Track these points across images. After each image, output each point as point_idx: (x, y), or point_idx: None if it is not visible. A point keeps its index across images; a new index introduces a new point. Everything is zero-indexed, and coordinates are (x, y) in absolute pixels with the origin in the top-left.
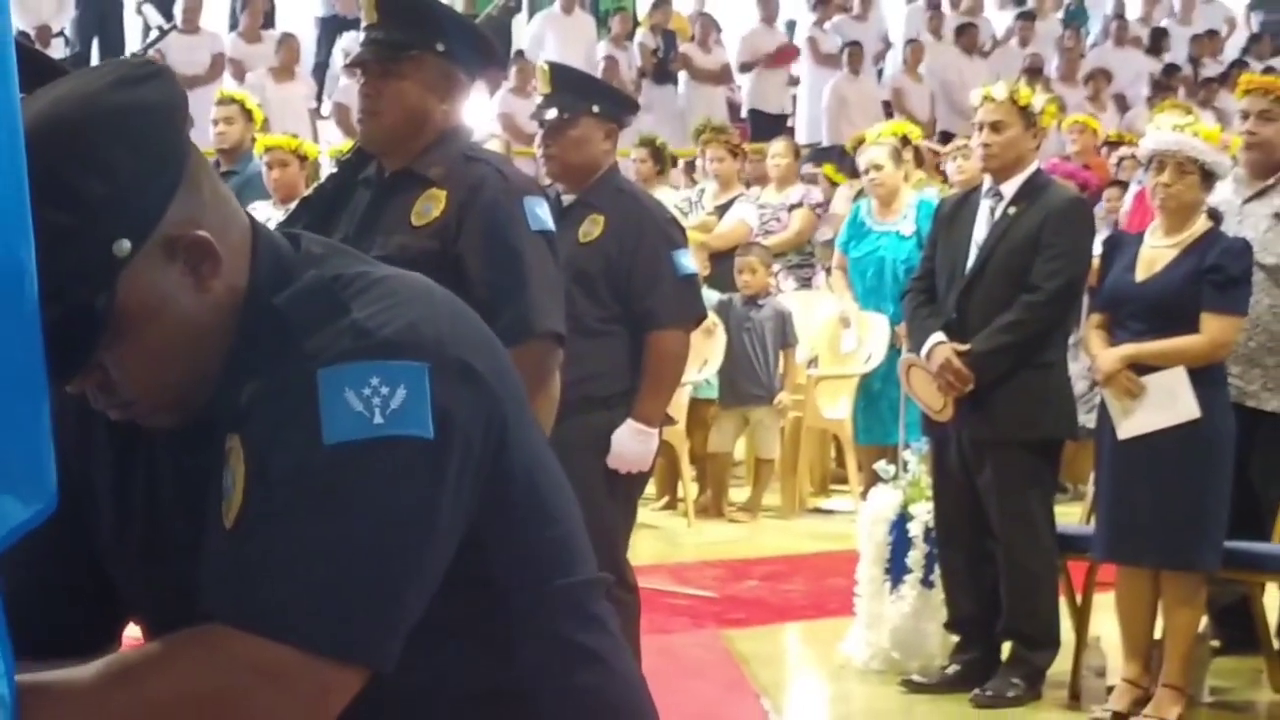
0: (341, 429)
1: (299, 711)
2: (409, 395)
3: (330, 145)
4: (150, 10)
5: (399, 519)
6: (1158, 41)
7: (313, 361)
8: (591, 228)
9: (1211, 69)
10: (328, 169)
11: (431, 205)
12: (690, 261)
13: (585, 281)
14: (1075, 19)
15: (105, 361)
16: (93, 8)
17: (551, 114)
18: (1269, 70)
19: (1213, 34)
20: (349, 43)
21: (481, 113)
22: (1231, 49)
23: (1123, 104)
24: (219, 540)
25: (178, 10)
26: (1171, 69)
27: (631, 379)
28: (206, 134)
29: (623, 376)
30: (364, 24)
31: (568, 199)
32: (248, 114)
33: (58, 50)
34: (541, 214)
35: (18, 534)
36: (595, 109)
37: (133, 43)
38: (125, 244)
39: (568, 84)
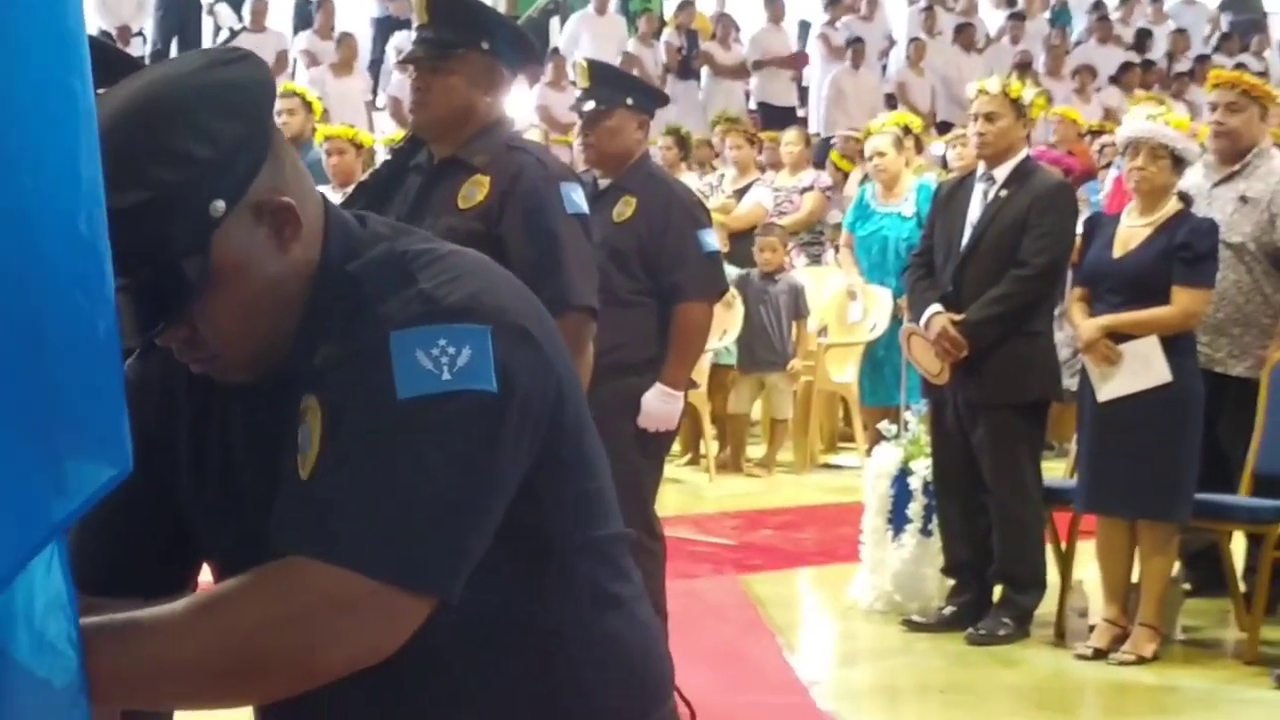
0: (413, 385)
1: (369, 637)
2: (474, 354)
3: (384, 135)
4: (221, 10)
5: (465, 464)
6: (1137, 40)
7: (385, 325)
8: (624, 209)
9: (1183, 64)
10: (382, 156)
11: (476, 190)
12: (714, 240)
13: (618, 258)
14: (1061, 19)
15: (194, 316)
16: (171, 9)
17: (589, 106)
18: (1239, 66)
19: (1182, 31)
20: (401, 41)
21: (521, 105)
22: (1203, 47)
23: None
24: (294, 490)
25: (246, 11)
26: (1147, 64)
27: (659, 347)
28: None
29: (651, 344)
30: (415, 24)
31: (603, 183)
32: (308, 106)
33: (137, 49)
34: (576, 198)
35: (98, 496)
36: (629, 101)
37: (206, 41)
38: (220, 204)
39: (604, 79)
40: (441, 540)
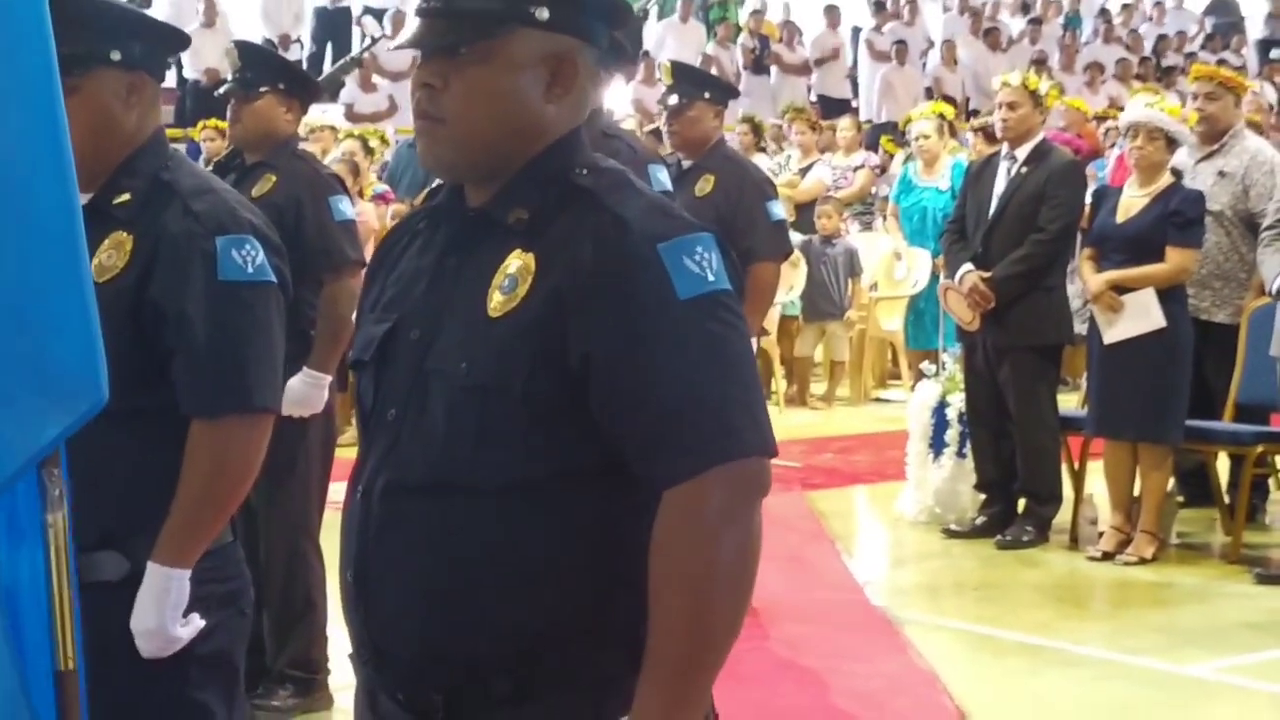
0: (690, 287)
1: (759, 508)
2: (719, 258)
3: None
4: (367, 21)
5: (747, 349)
6: (1135, 40)
7: (650, 238)
8: (704, 185)
9: (1174, 60)
10: None
11: None
12: (781, 210)
13: None
14: (1072, 23)
15: (453, 77)
16: (324, 20)
17: (673, 100)
18: (1220, 62)
19: (1180, 34)
20: None
21: (618, 98)
22: (1191, 45)
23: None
24: (483, 328)
25: (388, 22)
26: (1144, 60)
27: None
28: (406, 115)
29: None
30: None
31: (686, 164)
32: None
33: (295, 54)
34: (662, 177)
35: (76, 426)
36: (706, 95)
37: (355, 48)
38: (545, 13)
39: (685, 77)
40: (763, 412)
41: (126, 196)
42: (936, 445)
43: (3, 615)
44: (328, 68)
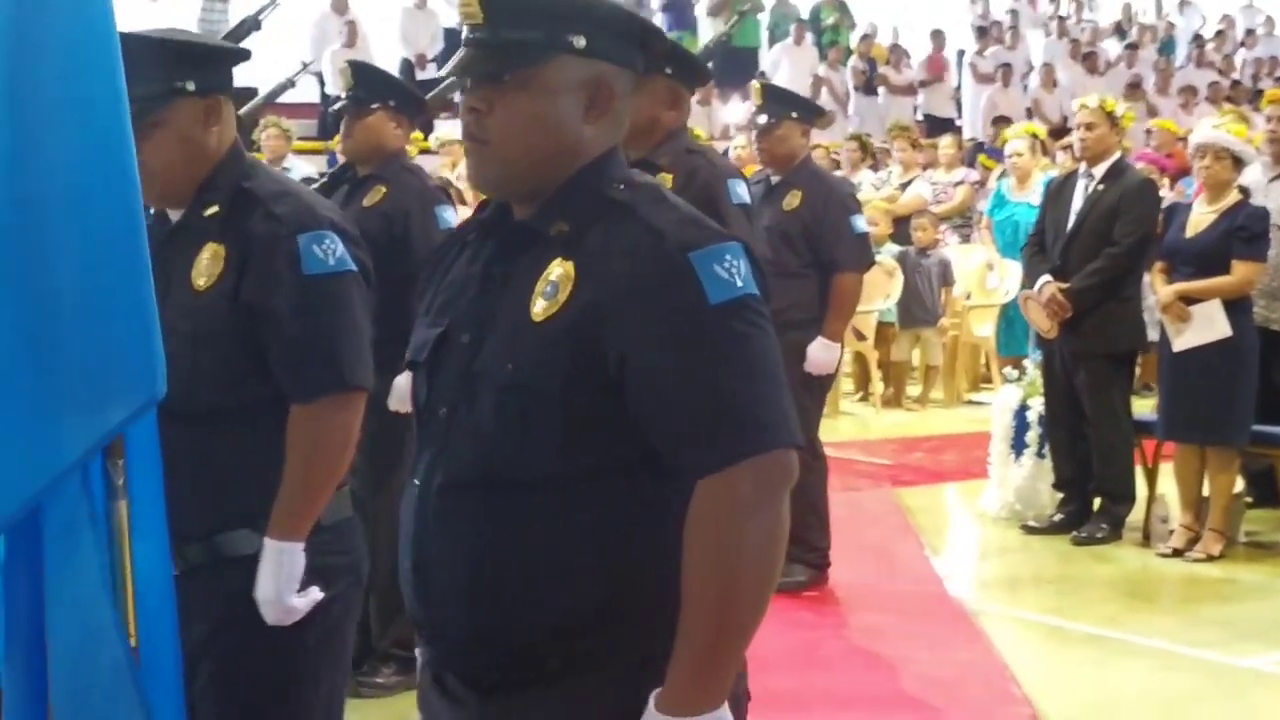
0: (719, 292)
1: (786, 497)
2: (746, 265)
3: None
4: None
5: (773, 348)
6: (1226, 64)
7: (682, 247)
8: (792, 200)
9: (1265, 84)
10: None
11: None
12: (863, 223)
13: (787, 238)
14: (1167, 49)
15: (500, 97)
16: (453, 41)
17: (762, 119)
18: None
19: (1273, 59)
20: None
21: (736, 116)
22: None
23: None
24: (527, 331)
25: None
26: (1234, 84)
27: (820, 308)
28: None
29: (814, 307)
30: None
31: (775, 179)
32: None
33: (430, 71)
34: (740, 191)
35: (135, 418)
36: (793, 115)
37: None
38: (583, 41)
39: (774, 97)
40: (789, 404)
41: (215, 209)
42: (1017, 446)
43: (108, 591)
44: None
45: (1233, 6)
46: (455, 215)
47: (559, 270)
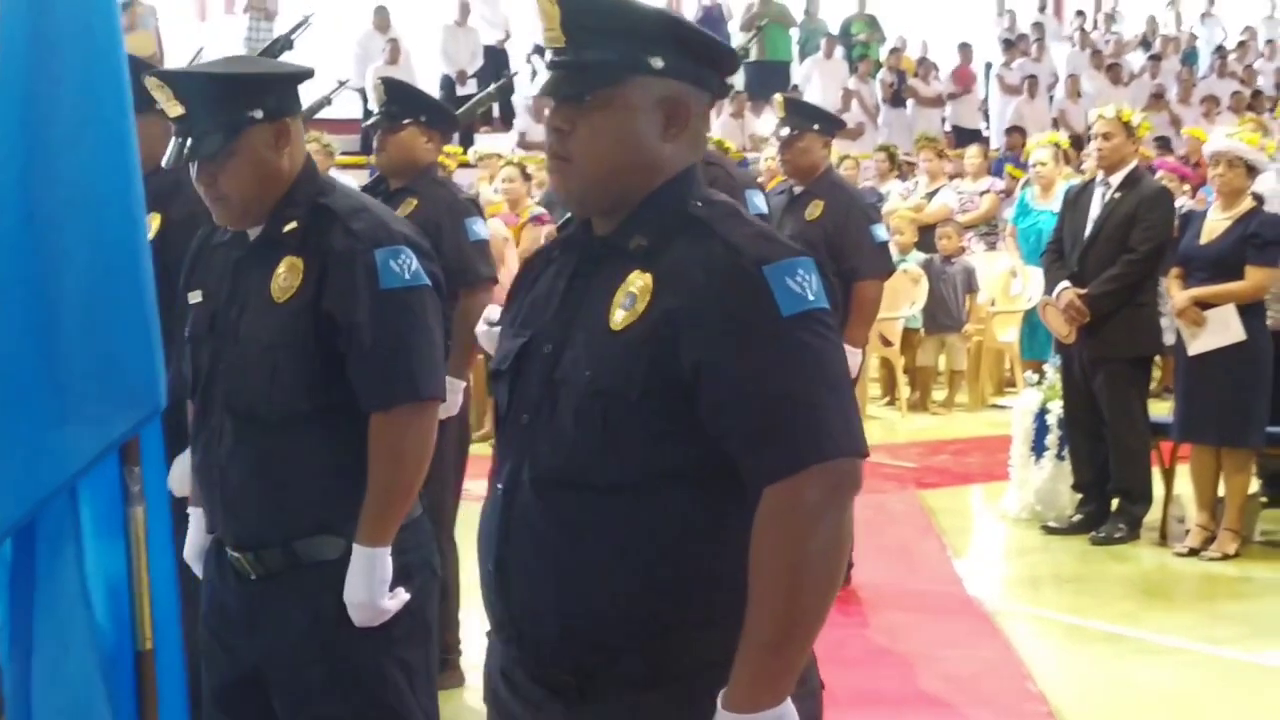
0: (791, 305)
1: (851, 503)
2: (817, 279)
3: None
4: (535, 60)
5: (841, 359)
6: (1248, 74)
7: (757, 262)
8: (814, 209)
9: None
10: None
11: None
12: (884, 232)
13: (810, 248)
14: (1190, 59)
15: (582, 116)
16: (492, 58)
17: (784, 132)
18: None
19: None
20: None
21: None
22: None
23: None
24: (606, 340)
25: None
26: (1256, 94)
27: (842, 315)
28: None
29: (836, 313)
30: None
31: (797, 190)
32: None
33: (470, 87)
34: (758, 202)
35: (136, 430)
36: (815, 127)
37: (523, 82)
38: (660, 62)
39: (796, 110)
40: (856, 414)
41: (293, 225)
42: (1038, 448)
43: (85, 604)
44: (497, 101)
45: (1255, 18)
46: (485, 227)
47: (638, 282)
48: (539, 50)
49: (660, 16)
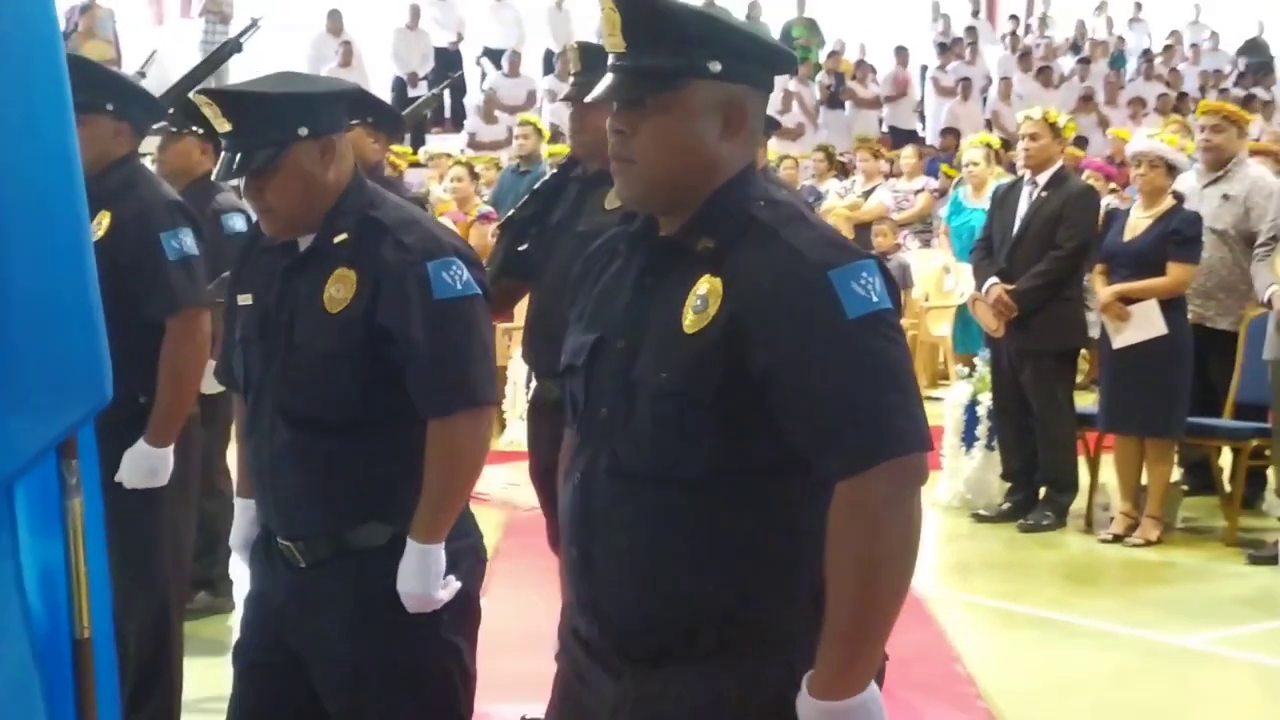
0: (856, 307)
1: (919, 495)
2: (880, 281)
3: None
4: (485, 62)
5: (906, 358)
6: (1174, 77)
7: (822, 266)
8: None
9: (1212, 96)
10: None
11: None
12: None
13: None
14: (1117, 63)
15: (644, 120)
16: (443, 60)
17: None
18: (1250, 96)
19: (1217, 72)
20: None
21: None
22: (1226, 82)
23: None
24: (679, 341)
25: (505, 61)
26: (1181, 96)
27: None
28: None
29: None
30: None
31: None
32: (539, 131)
33: (422, 89)
34: None
35: (82, 422)
36: None
37: (473, 83)
38: (718, 66)
39: None
40: (921, 412)
41: (344, 236)
42: (968, 439)
43: (19, 593)
44: (447, 102)
45: (1180, 23)
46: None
47: (707, 286)
48: (488, 53)
49: (718, 22)
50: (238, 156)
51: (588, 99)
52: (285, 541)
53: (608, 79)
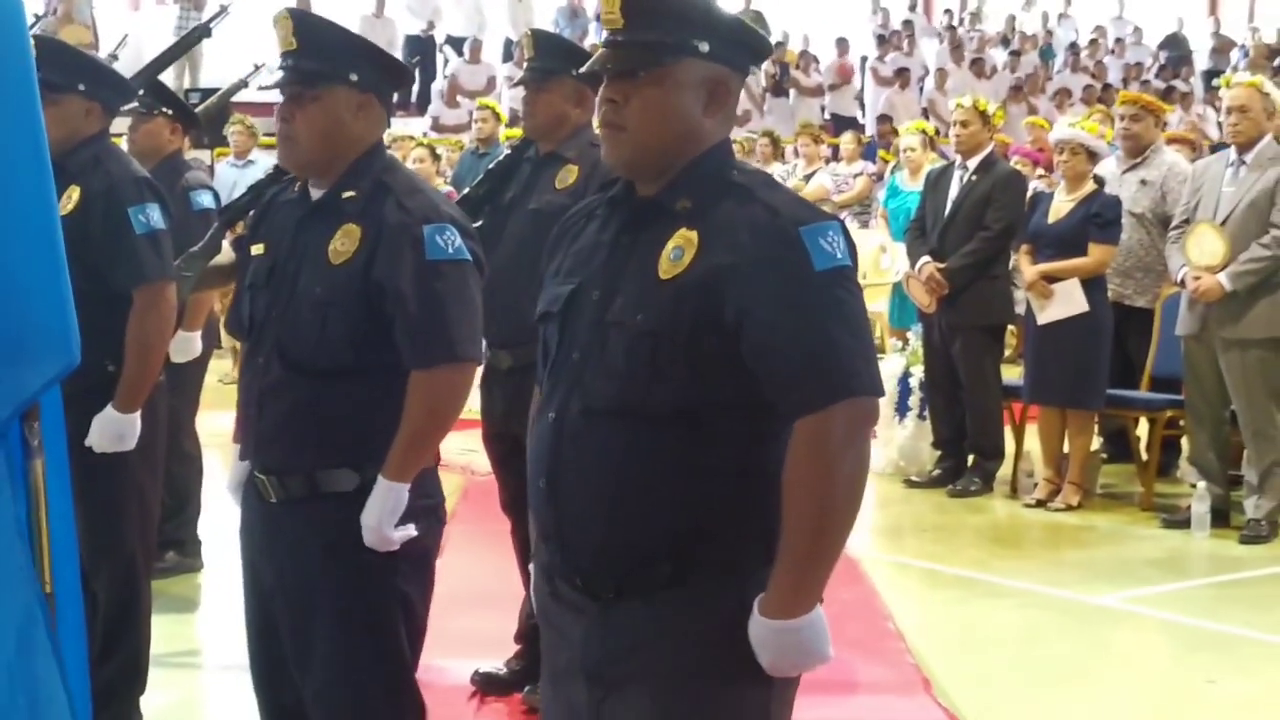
0: (823, 261)
1: (870, 434)
2: (844, 241)
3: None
4: (448, 49)
5: (863, 309)
6: (1098, 69)
7: (795, 223)
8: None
9: (1134, 87)
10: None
11: (568, 175)
12: None
13: None
14: (1046, 55)
15: (635, 93)
16: (413, 46)
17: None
18: (1169, 88)
19: (1138, 64)
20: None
21: None
22: (1147, 74)
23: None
24: (655, 288)
25: (467, 49)
26: (1106, 87)
27: None
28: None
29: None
30: (522, 58)
31: None
32: (497, 116)
33: None
34: None
35: (50, 385)
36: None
37: (439, 68)
38: (706, 46)
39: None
40: (874, 359)
41: (353, 194)
42: (901, 409)
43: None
44: (416, 88)
45: (1104, 18)
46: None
47: (684, 238)
48: (451, 41)
49: (709, 7)
50: (287, 74)
51: (583, 70)
52: (261, 475)
53: (602, 53)
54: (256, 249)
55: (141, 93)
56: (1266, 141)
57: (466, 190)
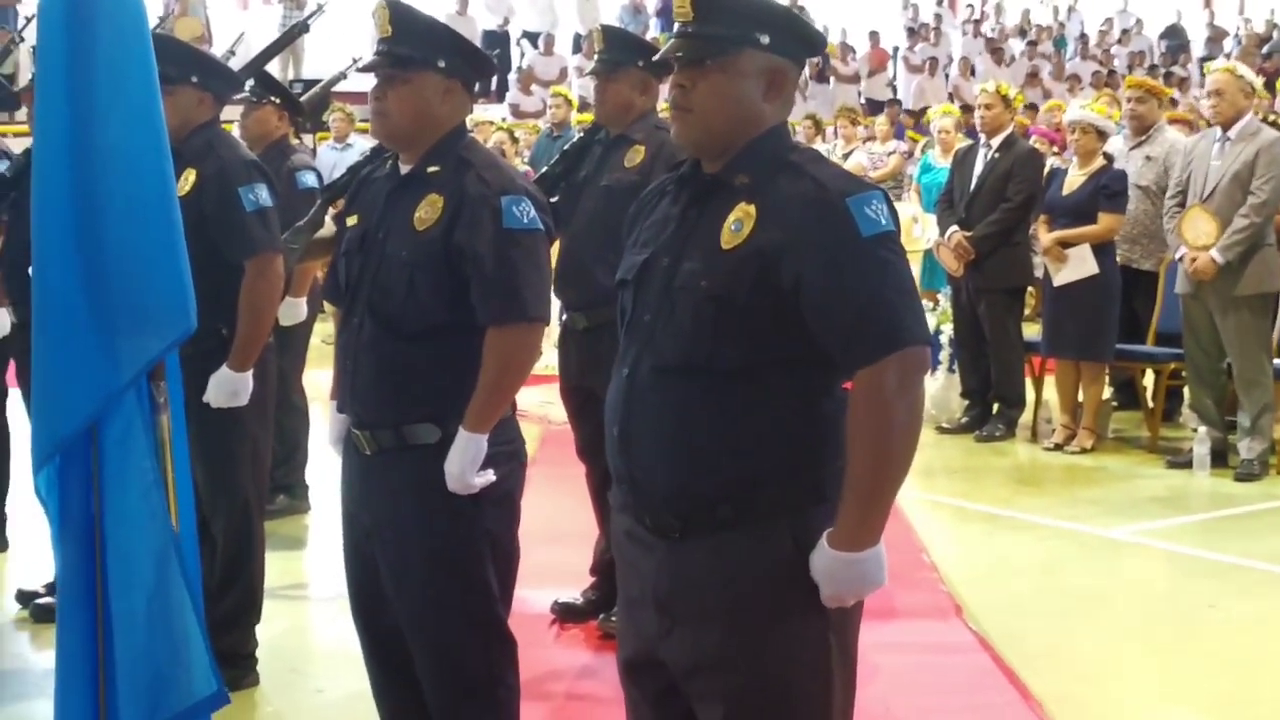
0: (869, 228)
1: (924, 380)
2: (887, 209)
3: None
4: (525, 44)
5: (908, 269)
6: (1107, 57)
7: (841, 195)
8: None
9: (1139, 73)
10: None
11: (635, 155)
12: None
13: None
14: (1060, 44)
15: (703, 78)
16: (490, 41)
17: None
18: (1169, 74)
19: (1141, 52)
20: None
21: None
22: (1151, 60)
23: (1086, 95)
24: (718, 256)
25: (541, 42)
26: (1112, 73)
27: None
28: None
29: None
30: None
31: None
32: (569, 102)
33: None
34: None
35: (170, 349)
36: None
37: (515, 61)
38: (767, 39)
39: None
40: (923, 310)
41: (437, 168)
42: (933, 363)
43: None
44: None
45: (1111, 10)
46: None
47: (743, 211)
48: (527, 35)
49: (769, 4)
50: (382, 58)
51: (655, 58)
52: (356, 430)
53: (673, 42)
54: (351, 220)
55: (252, 83)
56: (1248, 119)
57: (544, 169)
